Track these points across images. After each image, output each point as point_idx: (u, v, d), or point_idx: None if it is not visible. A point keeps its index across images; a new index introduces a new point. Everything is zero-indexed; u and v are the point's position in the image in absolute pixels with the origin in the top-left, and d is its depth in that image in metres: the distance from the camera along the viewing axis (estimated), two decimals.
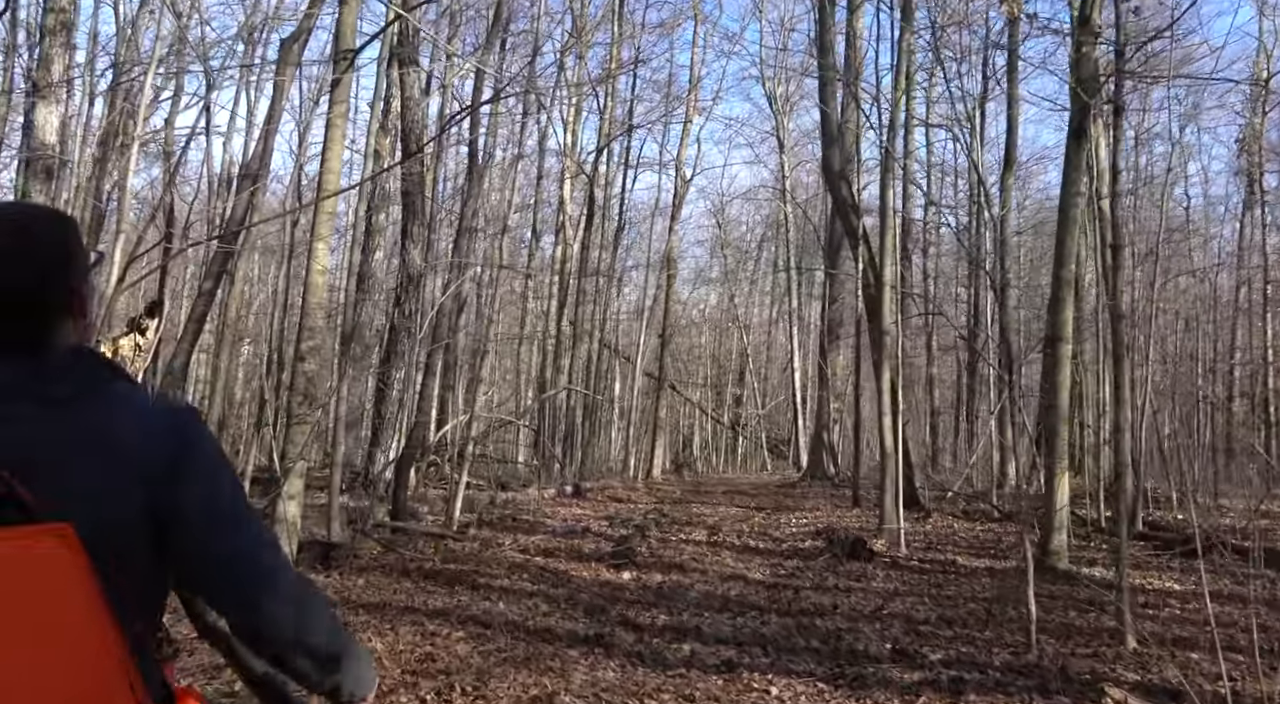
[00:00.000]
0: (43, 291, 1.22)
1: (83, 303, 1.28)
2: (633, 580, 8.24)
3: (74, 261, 1.27)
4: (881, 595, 7.75)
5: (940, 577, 8.60)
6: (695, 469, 34.76)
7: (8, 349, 1.19)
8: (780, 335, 45.59)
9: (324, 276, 7.24)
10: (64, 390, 1.18)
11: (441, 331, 10.61)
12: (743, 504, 16.11)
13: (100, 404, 1.20)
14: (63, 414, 1.17)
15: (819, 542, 10.52)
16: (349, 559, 8.14)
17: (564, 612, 6.84)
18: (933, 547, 10.39)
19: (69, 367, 1.21)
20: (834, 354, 23.61)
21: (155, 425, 1.22)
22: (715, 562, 9.25)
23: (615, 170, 28.49)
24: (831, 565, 9.09)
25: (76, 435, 1.16)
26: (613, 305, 30.39)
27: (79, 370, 1.21)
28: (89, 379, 1.22)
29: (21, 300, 1.20)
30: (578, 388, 21.22)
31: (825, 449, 23.49)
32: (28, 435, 1.14)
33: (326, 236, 7.29)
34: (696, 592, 7.77)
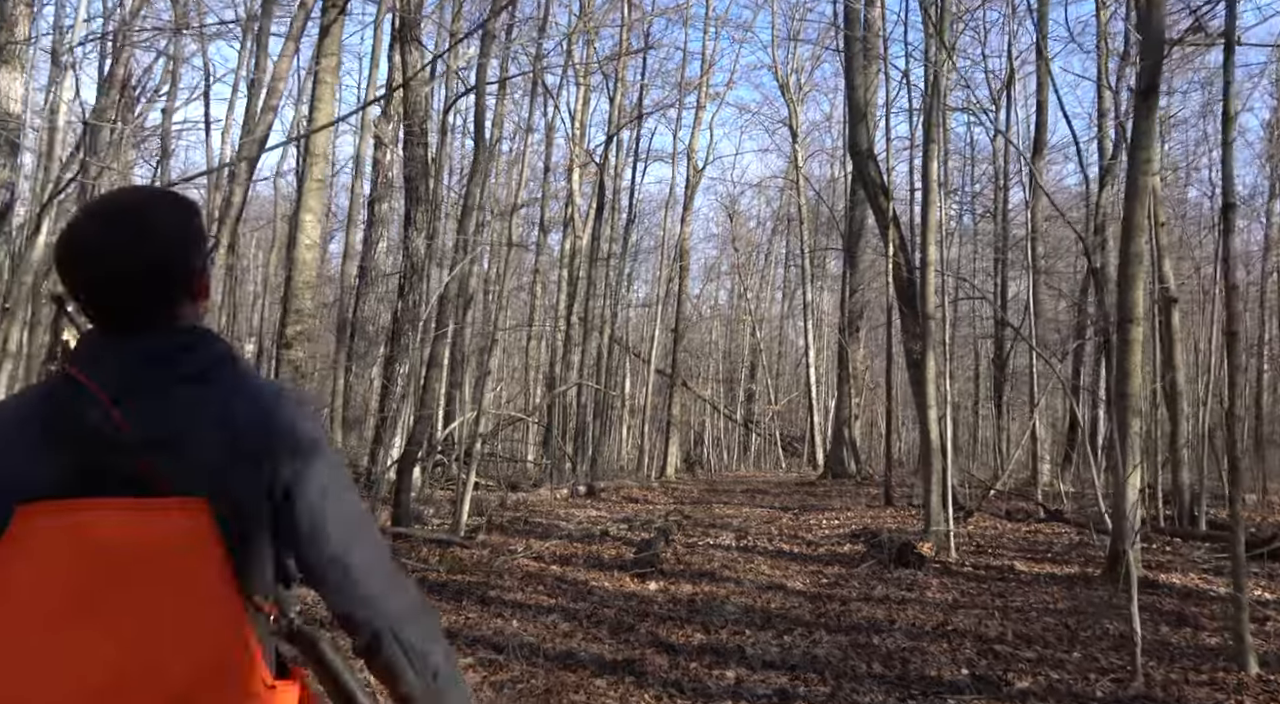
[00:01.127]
0: (168, 272, 1.25)
1: (205, 284, 1.32)
2: (660, 592, 7.41)
3: (196, 243, 1.31)
4: (941, 608, 6.90)
5: (1001, 585, 7.74)
6: (707, 467, 33.93)
7: (137, 328, 1.24)
8: (792, 330, 44.80)
9: (313, 252, 6.42)
10: (191, 368, 1.23)
11: (445, 319, 9.80)
12: (766, 504, 15.26)
13: (225, 384, 1.24)
14: (192, 391, 1.22)
15: (858, 545, 9.67)
16: None
17: (586, 631, 6.01)
18: (983, 550, 9.54)
19: (194, 346, 1.26)
20: (854, 347, 22.70)
21: (276, 409, 1.25)
22: (749, 569, 8.41)
23: (625, 162, 27.69)
24: (877, 572, 8.24)
25: (205, 413, 1.21)
26: (623, 299, 29.57)
27: (203, 350, 1.26)
28: (214, 359, 1.26)
29: (149, 280, 1.23)
30: (590, 382, 20.36)
31: (846, 445, 22.63)
32: (161, 411, 1.19)
33: (315, 208, 6.48)
34: (733, 605, 6.93)
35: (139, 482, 1.16)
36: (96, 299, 1.24)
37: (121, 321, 1.24)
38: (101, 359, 1.22)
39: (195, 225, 1.31)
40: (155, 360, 1.22)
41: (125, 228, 1.24)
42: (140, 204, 1.30)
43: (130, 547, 1.14)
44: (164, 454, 1.18)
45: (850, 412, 22.57)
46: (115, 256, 1.22)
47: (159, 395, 1.20)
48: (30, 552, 1.13)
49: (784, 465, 34.01)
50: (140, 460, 1.17)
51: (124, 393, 1.19)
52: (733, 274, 39.24)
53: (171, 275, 1.26)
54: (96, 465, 1.17)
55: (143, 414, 1.18)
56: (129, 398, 1.19)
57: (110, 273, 1.22)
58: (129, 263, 1.22)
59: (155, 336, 1.24)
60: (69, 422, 1.18)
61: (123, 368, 1.22)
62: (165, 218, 1.28)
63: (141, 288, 1.23)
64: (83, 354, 1.24)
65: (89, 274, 1.23)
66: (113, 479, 1.16)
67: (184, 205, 1.33)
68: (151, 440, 1.18)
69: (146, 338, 1.23)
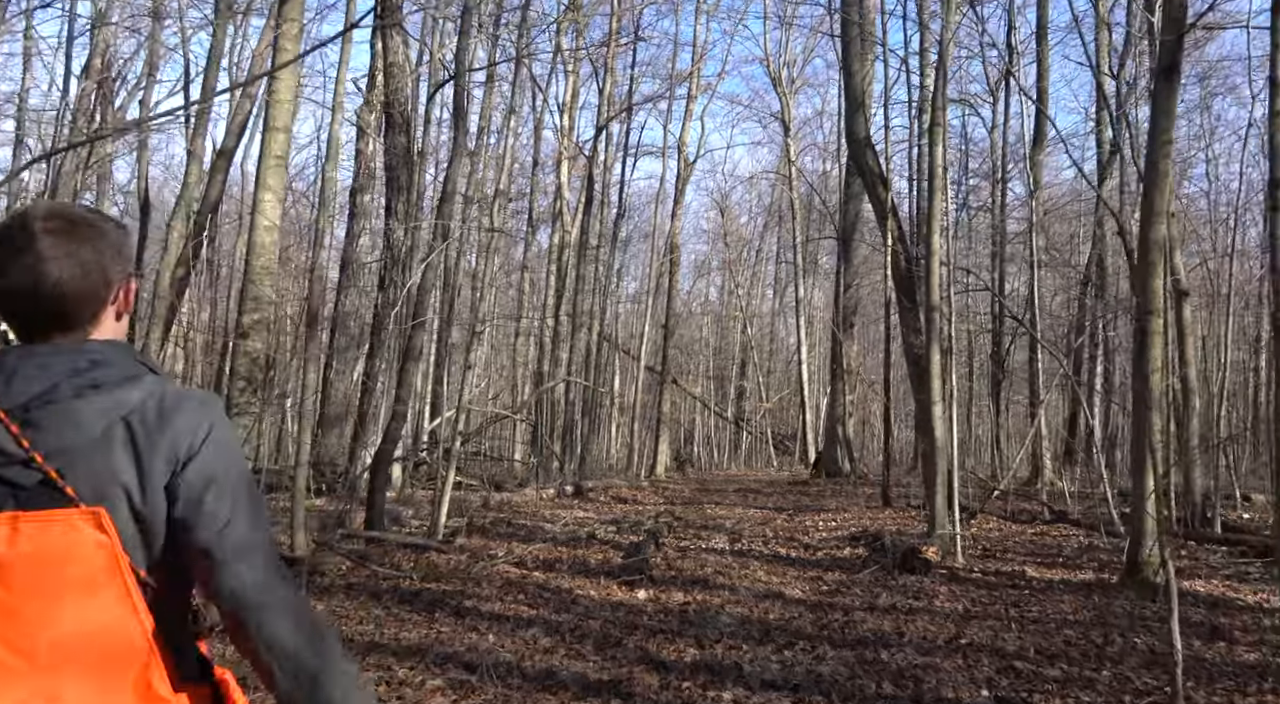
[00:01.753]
0: (83, 287, 1.26)
1: (126, 298, 1.35)
2: (650, 601, 6.90)
3: (114, 259, 1.31)
4: (953, 619, 6.41)
5: (1013, 593, 7.26)
6: (698, 466, 33.45)
7: (52, 339, 1.26)
8: (783, 327, 44.30)
9: (272, 235, 5.90)
10: (99, 380, 1.24)
11: (425, 308, 9.29)
12: (759, 505, 14.78)
13: (133, 394, 1.25)
14: (98, 402, 1.22)
15: (859, 549, 9.19)
16: (311, 578, 6.79)
17: (569, 646, 5.50)
18: (990, 555, 9.06)
19: (104, 359, 1.26)
20: (848, 343, 22.23)
21: (181, 415, 1.26)
22: (744, 575, 7.90)
23: (614, 156, 27.14)
24: (881, 579, 7.76)
25: (111, 424, 1.22)
26: (612, 294, 29.06)
27: (113, 362, 1.27)
28: (124, 371, 1.27)
29: (65, 295, 1.25)
30: (578, 379, 19.84)
31: (840, 444, 22.17)
32: (65, 423, 1.20)
33: (275, 187, 5.96)
34: (728, 616, 6.43)
35: (45, 493, 1.18)
36: (12, 310, 1.27)
37: (36, 333, 1.27)
38: (9, 376, 1.23)
39: (114, 240, 1.33)
40: (64, 372, 1.23)
41: (58, 231, 1.26)
42: (74, 210, 1.31)
43: (35, 558, 1.15)
44: (67, 465, 1.19)
45: (844, 409, 22.11)
46: (32, 270, 1.24)
47: (64, 407, 1.21)
48: None
49: (775, 464, 33.56)
50: (44, 472, 1.18)
51: (28, 408, 1.21)
52: (724, 270, 38.71)
53: (87, 291, 1.27)
54: (2, 478, 1.18)
55: (47, 426, 1.20)
56: (33, 413, 1.20)
57: (27, 286, 1.24)
58: (44, 277, 1.24)
59: (66, 349, 1.25)
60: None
61: (30, 380, 1.22)
62: (96, 225, 1.30)
63: (57, 302, 1.25)
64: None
65: (7, 293, 1.25)
66: (19, 491, 1.18)
67: (104, 221, 1.33)
68: (54, 452, 1.19)
69: (57, 350, 1.25)
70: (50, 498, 1.18)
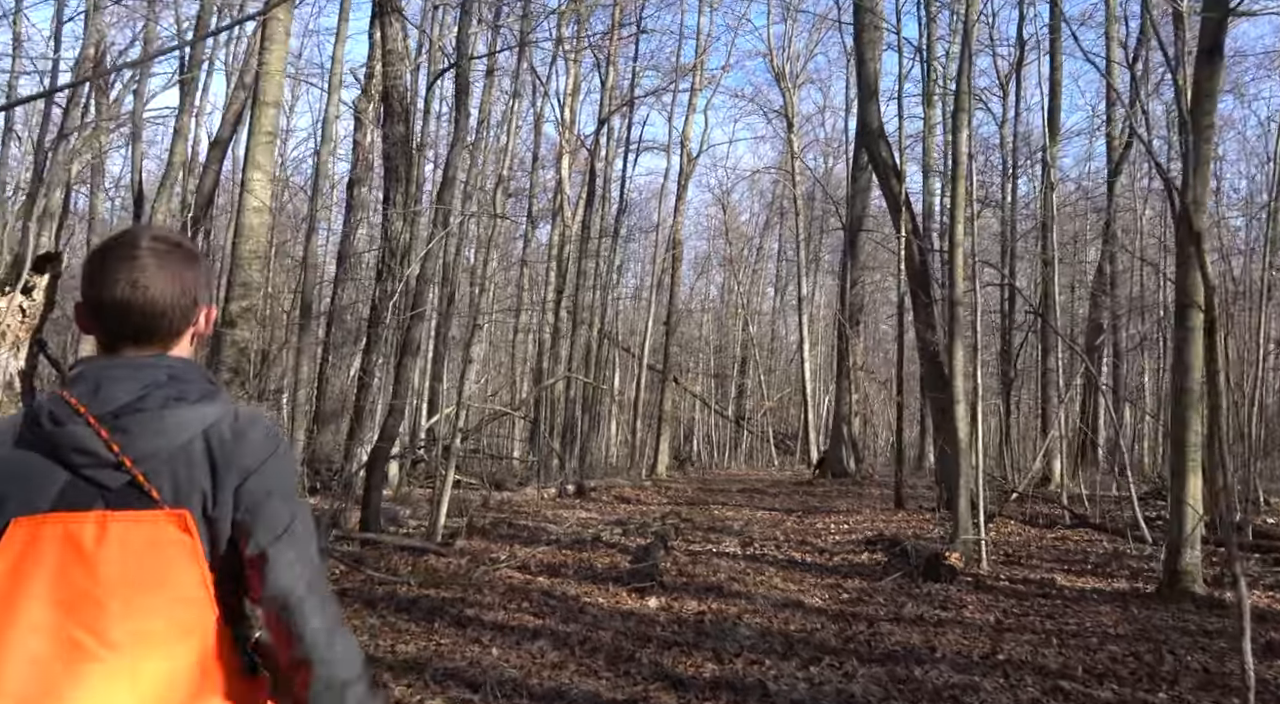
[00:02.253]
0: (173, 308, 1.37)
1: (207, 318, 1.47)
2: (662, 610, 6.50)
3: (206, 286, 1.44)
4: (986, 631, 6.01)
5: (1046, 603, 6.86)
6: (698, 465, 33.04)
7: (130, 352, 1.36)
8: (784, 326, 43.89)
9: (261, 217, 5.48)
10: (184, 394, 1.33)
11: (423, 300, 8.90)
12: (766, 506, 14.38)
13: (212, 410, 1.35)
14: (178, 414, 1.31)
15: (876, 554, 8.80)
16: None
17: (579, 661, 5.09)
18: (1014, 561, 8.67)
19: (181, 375, 1.36)
20: (854, 341, 21.83)
21: (252, 433, 1.37)
22: (760, 582, 7.50)
23: (616, 151, 26.71)
24: (904, 587, 7.36)
25: (193, 436, 1.32)
26: (613, 291, 28.64)
27: (193, 379, 1.37)
28: (202, 388, 1.36)
29: (158, 314, 1.35)
30: (580, 376, 19.44)
31: (845, 443, 21.76)
32: (149, 430, 1.29)
33: (265, 165, 5.54)
34: (747, 627, 6.03)
35: (131, 495, 1.27)
36: (108, 326, 1.36)
37: (120, 343, 1.36)
38: (97, 382, 1.31)
39: (206, 269, 1.45)
40: (149, 385, 1.32)
41: (139, 265, 1.34)
42: (165, 242, 1.39)
43: (122, 554, 1.24)
44: (153, 470, 1.28)
45: (850, 408, 21.72)
46: (135, 284, 1.34)
47: (152, 416, 1.30)
48: (24, 561, 1.23)
49: (777, 463, 33.16)
50: (132, 475, 1.27)
51: (119, 413, 1.29)
52: (725, 267, 38.29)
53: (174, 313, 1.37)
54: (90, 480, 1.27)
55: (136, 433, 1.28)
56: (122, 418, 1.29)
57: (126, 297, 1.34)
58: (144, 291, 1.34)
59: (148, 363, 1.34)
60: (65, 442, 1.28)
61: (117, 390, 1.31)
62: (184, 257, 1.39)
63: (150, 315, 1.34)
64: (78, 377, 1.33)
65: (106, 303, 1.34)
66: (107, 493, 1.27)
67: (190, 244, 1.44)
68: (141, 457, 1.28)
69: (139, 366, 1.34)
70: (136, 499, 1.27)
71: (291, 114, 30.41)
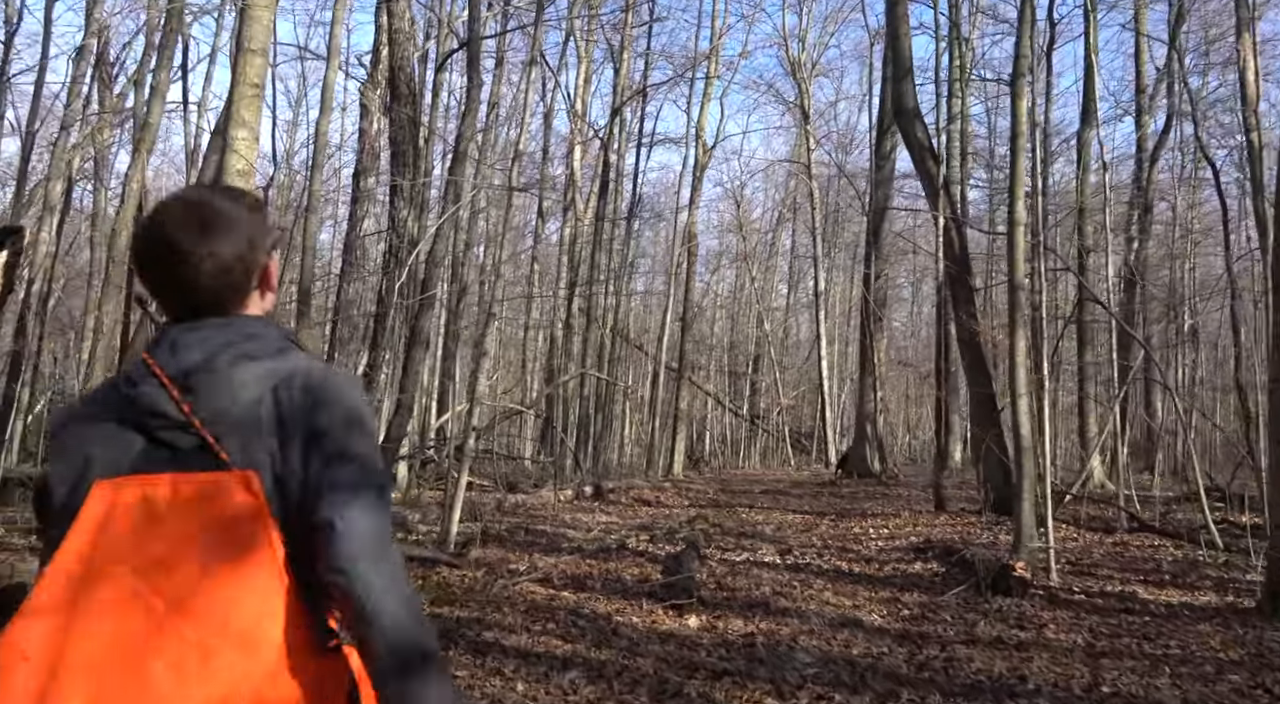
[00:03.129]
0: (234, 268, 1.33)
1: (269, 276, 1.41)
2: (705, 630, 5.76)
3: (262, 238, 1.38)
4: (1079, 656, 5.25)
5: (1134, 621, 6.10)
6: (711, 465, 32.26)
7: (209, 315, 1.34)
8: (795, 322, 43.09)
9: (246, 181, 4.76)
10: (255, 352, 1.31)
11: (432, 282, 8.20)
12: (794, 508, 13.62)
13: (283, 366, 1.30)
14: (249, 372, 1.28)
15: (930, 563, 8.04)
16: None
17: (619, 698, 4.35)
18: (1083, 571, 7.90)
19: (255, 333, 1.34)
20: (878, 336, 21.06)
21: (325, 391, 1.30)
22: (809, 596, 6.75)
23: (628, 144, 25.99)
24: (970, 601, 6.60)
25: (262, 393, 1.27)
26: (625, 287, 27.87)
27: (267, 337, 1.34)
28: (275, 344, 1.34)
29: (217, 276, 1.32)
30: (595, 372, 18.72)
31: (869, 442, 20.98)
32: (220, 392, 1.27)
33: (251, 122, 4.81)
34: (804, 652, 5.28)
35: (201, 456, 1.24)
36: (169, 294, 1.34)
37: (192, 312, 1.33)
38: (172, 346, 1.31)
39: (260, 220, 1.39)
40: (221, 344, 1.30)
41: (195, 227, 1.31)
42: (209, 202, 1.35)
43: (191, 517, 1.21)
44: (222, 431, 1.25)
45: (875, 405, 20.93)
46: (186, 254, 1.30)
47: (221, 376, 1.27)
48: (105, 522, 1.22)
49: (793, 463, 32.36)
50: (201, 437, 1.24)
51: (189, 375, 1.28)
52: (739, 263, 37.49)
53: (237, 270, 1.34)
54: (164, 442, 1.26)
55: (204, 394, 1.26)
56: (193, 380, 1.27)
57: (181, 270, 1.31)
58: (198, 260, 1.30)
59: (224, 325, 1.33)
60: (139, 404, 1.28)
61: (190, 351, 1.29)
62: (233, 215, 1.35)
63: (210, 283, 1.32)
64: (155, 343, 1.33)
65: (162, 271, 1.32)
66: (178, 454, 1.25)
67: (250, 201, 1.41)
68: (210, 418, 1.25)
69: (215, 326, 1.32)
70: (206, 461, 1.24)
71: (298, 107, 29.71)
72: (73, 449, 1.29)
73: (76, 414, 1.34)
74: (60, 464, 1.29)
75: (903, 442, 38.45)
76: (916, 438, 41.23)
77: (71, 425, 1.32)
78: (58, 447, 1.31)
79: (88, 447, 1.28)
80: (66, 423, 1.33)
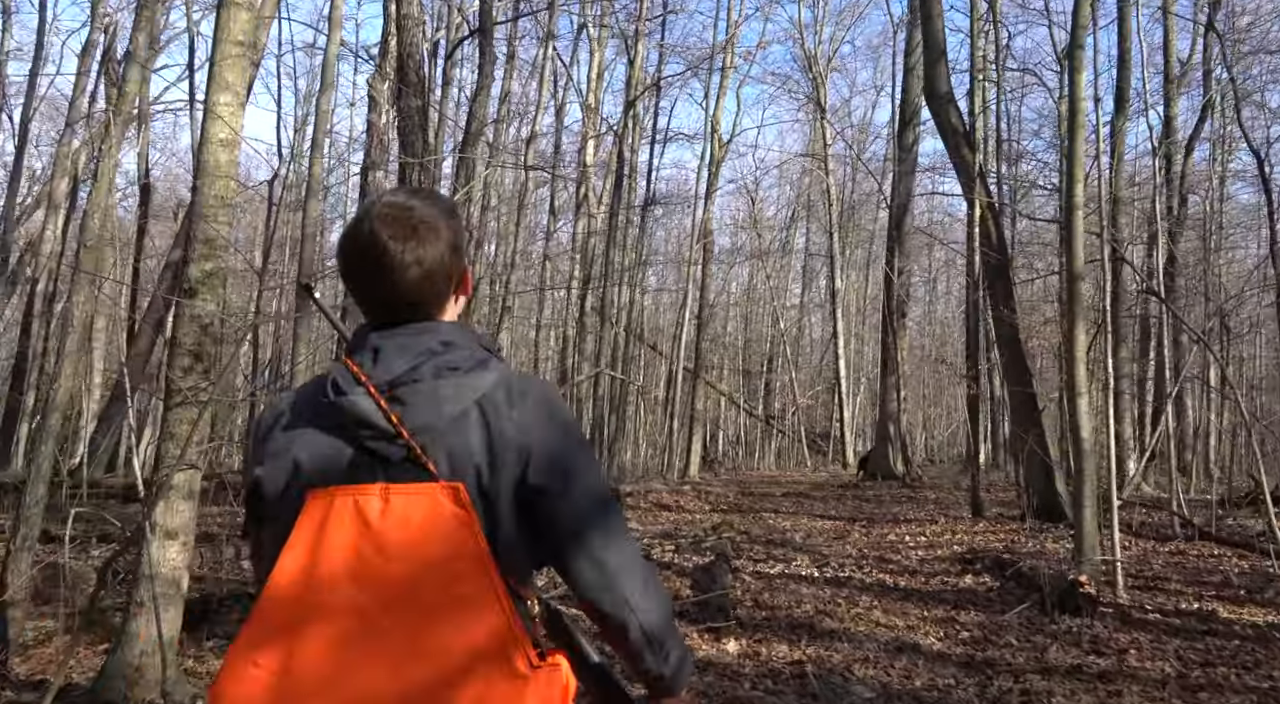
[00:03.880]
0: (438, 273, 1.33)
1: (465, 281, 1.42)
2: (746, 656, 5.17)
3: (455, 255, 1.37)
4: (1173, 690, 4.64)
5: (1225, 646, 5.48)
6: (726, 466, 31.65)
7: (408, 319, 1.33)
8: (809, 321, 42.44)
9: (231, 152, 4.20)
10: (455, 362, 1.29)
11: None
12: (820, 513, 13.02)
13: (486, 379, 1.29)
14: (455, 384, 1.27)
15: (982, 576, 7.44)
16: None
17: None
18: (1147, 584, 7.29)
19: (457, 342, 1.32)
20: (901, 333, 20.43)
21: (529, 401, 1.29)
22: (856, 615, 6.15)
23: (642, 140, 25.42)
24: (1034, 621, 6.00)
25: (468, 407, 1.26)
26: (639, 285, 27.29)
27: (466, 346, 1.33)
28: (475, 355, 1.32)
29: (422, 281, 1.32)
30: (612, 372, 18.14)
31: (892, 443, 20.36)
32: (427, 402, 1.26)
33: (236, 85, 4.26)
34: (861, 683, 4.69)
35: (409, 467, 1.23)
36: (373, 296, 1.33)
37: (392, 316, 1.33)
38: (375, 353, 1.30)
39: (458, 225, 1.40)
40: (423, 354, 1.29)
41: (402, 233, 1.31)
42: (415, 209, 1.34)
43: (404, 528, 1.20)
44: (429, 442, 1.24)
45: (898, 405, 20.32)
46: (393, 260, 1.29)
47: (427, 387, 1.26)
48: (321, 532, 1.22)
49: (810, 464, 31.74)
50: (409, 447, 1.23)
51: (394, 386, 1.26)
52: (753, 260, 36.87)
53: (439, 276, 1.34)
54: (372, 451, 1.25)
55: (412, 404, 1.25)
56: (399, 389, 1.26)
57: (375, 287, 1.31)
58: (405, 268, 1.30)
59: (423, 331, 1.32)
60: (348, 413, 1.26)
61: (393, 360, 1.28)
62: (437, 222, 1.34)
63: (415, 288, 1.31)
64: (357, 347, 1.33)
65: (368, 277, 1.32)
66: (387, 464, 1.24)
67: (447, 206, 1.40)
68: (418, 429, 1.24)
69: (415, 332, 1.31)
70: (414, 472, 1.23)
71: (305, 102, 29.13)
72: (281, 453, 1.31)
73: (284, 416, 1.34)
74: (270, 467, 1.31)
75: (920, 441, 37.75)
76: (934, 438, 40.55)
77: (278, 430, 1.33)
78: (267, 450, 1.32)
79: (296, 451, 1.29)
80: (274, 426, 1.34)
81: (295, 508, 1.24)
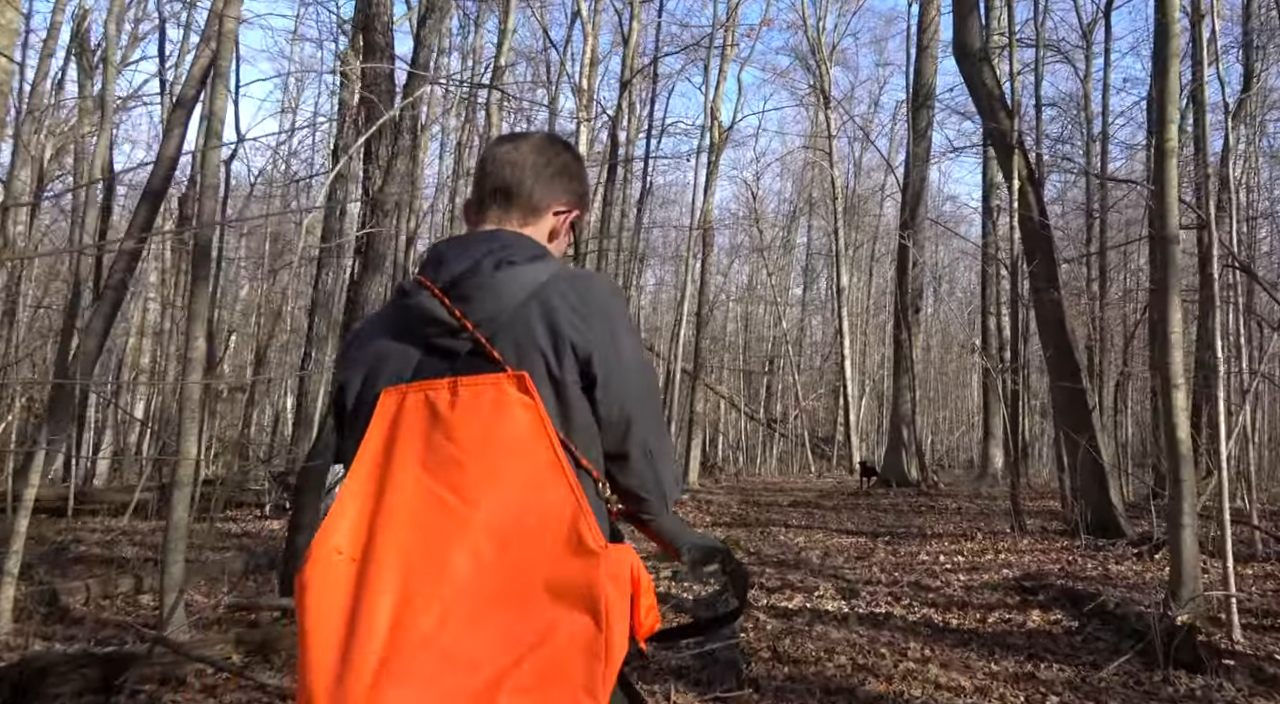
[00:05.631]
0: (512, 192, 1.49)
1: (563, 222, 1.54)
2: None
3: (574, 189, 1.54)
4: None
5: None
6: (726, 472, 30.23)
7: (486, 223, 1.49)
8: (809, 321, 41.01)
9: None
10: (514, 258, 1.39)
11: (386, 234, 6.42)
12: (834, 526, 11.62)
13: (543, 270, 1.38)
14: (513, 277, 1.36)
15: (1052, 612, 6.04)
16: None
17: None
18: (1259, 624, 5.88)
19: (515, 242, 1.43)
20: (916, 331, 19.05)
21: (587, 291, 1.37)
22: (905, 670, 4.73)
23: (639, 134, 24.11)
24: (1139, 678, 4.60)
25: (528, 296, 1.34)
26: (635, 283, 25.91)
27: (523, 245, 1.43)
28: (531, 251, 1.42)
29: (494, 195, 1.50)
30: None
31: (905, 448, 18.96)
32: (488, 296, 1.34)
33: None
34: None
35: (476, 360, 1.30)
36: (479, 183, 1.52)
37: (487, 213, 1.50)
38: (438, 260, 1.40)
39: (582, 178, 1.57)
40: (482, 252, 1.39)
41: (533, 140, 1.52)
42: (565, 152, 1.55)
43: (474, 418, 1.26)
44: (493, 333, 1.32)
45: (911, 407, 18.95)
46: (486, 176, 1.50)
47: (487, 281, 1.35)
48: (394, 426, 1.29)
49: (814, 469, 30.35)
50: (475, 340, 1.31)
51: (456, 283, 1.36)
52: (754, 256, 35.49)
53: (515, 195, 1.49)
54: (440, 348, 1.34)
55: (474, 298, 1.34)
56: (461, 287, 1.36)
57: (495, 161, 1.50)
58: (488, 181, 1.49)
59: (485, 236, 1.44)
60: (414, 313, 1.37)
61: (456, 261, 1.39)
62: (564, 155, 1.55)
63: (511, 181, 1.48)
64: (426, 259, 1.44)
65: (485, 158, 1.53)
66: (454, 359, 1.32)
67: (555, 144, 1.56)
68: (482, 321, 1.33)
69: (478, 237, 1.44)
70: (481, 364, 1.30)
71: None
72: (360, 360, 1.41)
73: (363, 331, 1.46)
74: (350, 373, 1.41)
75: (927, 445, 36.39)
76: (942, 442, 39.16)
77: (357, 340, 1.45)
78: (349, 360, 1.43)
79: (371, 359, 1.39)
80: (354, 339, 1.46)
81: (372, 411, 1.31)
